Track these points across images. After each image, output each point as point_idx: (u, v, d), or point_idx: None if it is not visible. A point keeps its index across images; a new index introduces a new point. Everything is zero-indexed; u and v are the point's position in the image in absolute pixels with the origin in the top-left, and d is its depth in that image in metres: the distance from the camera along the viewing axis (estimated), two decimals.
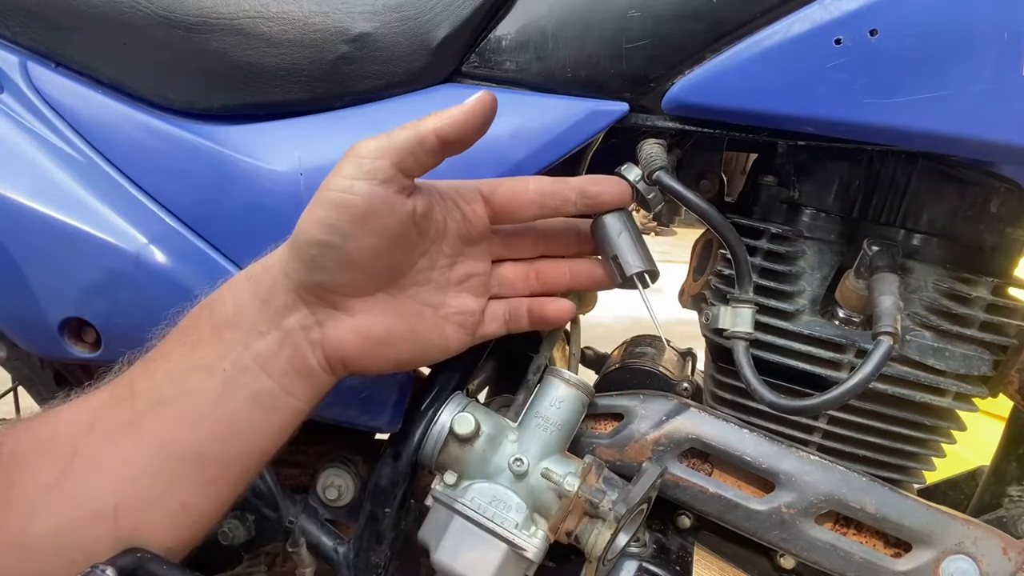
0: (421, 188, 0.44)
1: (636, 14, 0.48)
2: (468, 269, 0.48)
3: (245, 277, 0.44)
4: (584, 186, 0.47)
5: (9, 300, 0.54)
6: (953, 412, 0.54)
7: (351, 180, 0.40)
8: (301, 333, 0.43)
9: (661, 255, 1.36)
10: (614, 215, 0.48)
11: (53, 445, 0.41)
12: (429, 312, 0.47)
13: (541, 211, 0.47)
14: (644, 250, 0.48)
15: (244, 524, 0.61)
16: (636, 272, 0.48)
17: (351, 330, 0.44)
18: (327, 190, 0.41)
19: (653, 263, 0.49)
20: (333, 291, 0.43)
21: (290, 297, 0.43)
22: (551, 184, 0.47)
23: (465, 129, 0.41)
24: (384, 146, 0.41)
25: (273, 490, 0.61)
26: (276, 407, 0.43)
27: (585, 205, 0.47)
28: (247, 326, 0.42)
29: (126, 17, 0.53)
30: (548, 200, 0.46)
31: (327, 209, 0.40)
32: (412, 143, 0.41)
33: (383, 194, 0.41)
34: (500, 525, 0.49)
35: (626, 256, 0.48)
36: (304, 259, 0.41)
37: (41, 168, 0.53)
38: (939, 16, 0.42)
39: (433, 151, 0.41)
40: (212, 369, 0.42)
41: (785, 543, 0.52)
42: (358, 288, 0.43)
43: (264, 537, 0.62)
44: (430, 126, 0.41)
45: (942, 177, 0.52)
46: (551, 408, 0.52)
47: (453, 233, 0.46)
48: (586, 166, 0.55)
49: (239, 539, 0.61)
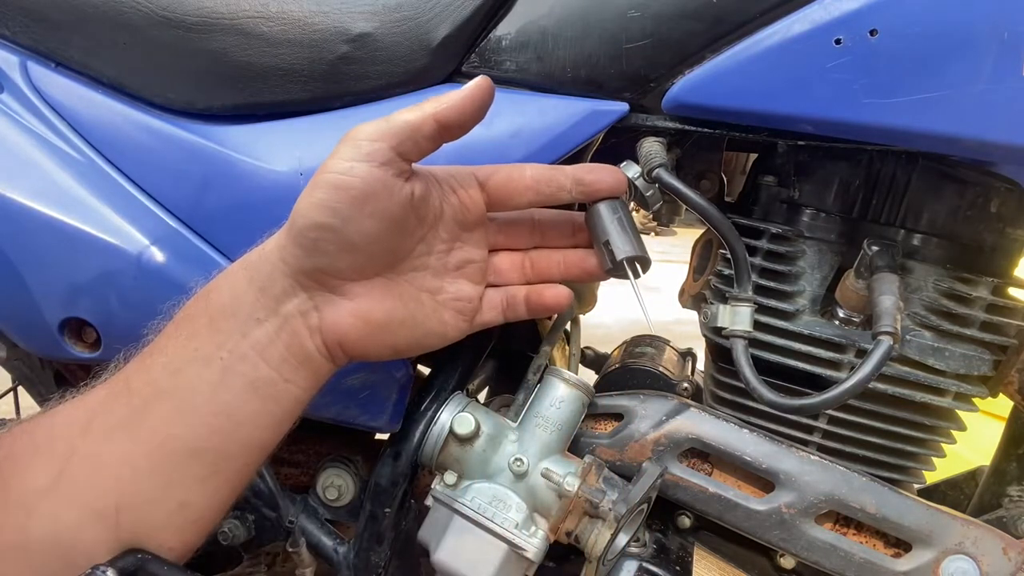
0: (418, 173, 0.44)
1: (636, 14, 0.48)
2: (465, 255, 0.48)
3: (241, 266, 0.43)
4: (579, 174, 0.47)
5: (9, 300, 0.54)
6: (953, 412, 0.54)
7: (350, 162, 0.40)
8: (299, 319, 0.43)
9: (661, 255, 1.36)
10: (608, 203, 0.48)
11: (50, 446, 0.41)
12: (427, 298, 0.47)
13: (537, 198, 0.47)
14: (636, 237, 0.48)
15: (244, 524, 0.61)
16: (626, 257, 0.47)
17: (350, 314, 0.44)
18: (325, 172, 0.40)
19: (644, 250, 0.48)
20: (332, 275, 0.43)
21: (288, 283, 0.42)
22: (547, 171, 0.47)
23: (463, 114, 0.42)
24: (383, 129, 0.41)
25: (273, 490, 0.61)
26: (275, 395, 0.43)
27: (580, 193, 0.47)
28: (244, 314, 0.42)
29: (126, 17, 0.53)
30: (544, 187, 0.46)
31: (326, 191, 0.40)
32: (411, 127, 0.41)
33: (382, 176, 0.41)
34: (500, 525, 0.49)
35: (616, 242, 0.47)
36: (303, 243, 0.41)
37: (41, 168, 0.53)
38: (939, 16, 0.42)
39: (432, 136, 0.42)
40: (209, 359, 0.41)
41: (785, 543, 0.52)
42: (357, 272, 0.43)
43: (264, 537, 0.62)
44: (429, 110, 0.41)
45: (942, 177, 0.52)
46: (551, 408, 0.52)
47: (450, 218, 0.46)
48: None
49: (239, 539, 0.61)
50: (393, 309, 0.45)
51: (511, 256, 0.51)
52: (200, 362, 0.41)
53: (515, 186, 0.46)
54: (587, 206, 0.49)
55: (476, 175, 0.47)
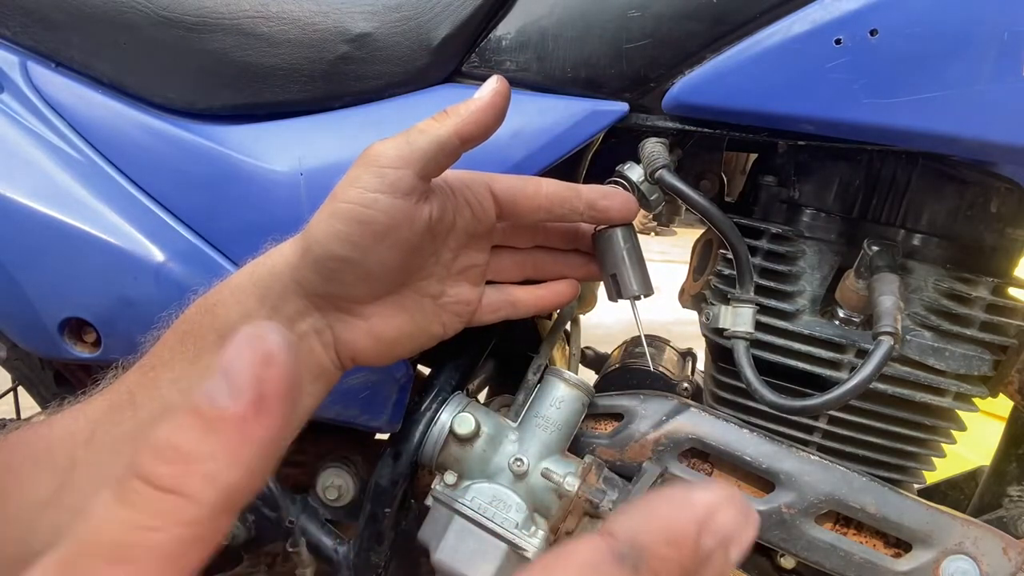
0: (433, 187, 0.43)
1: (636, 14, 0.48)
2: (470, 260, 0.48)
3: (250, 282, 0.42)
4: (594, 199, 0.47)
5: (9, 300, 0.54)
6: (953, 412, 0.54)
7: (374, 194, 0.39)
8: (315, 336, 0.43)
9: (661, 255, 1.35)
10: (619, 232, 0.48)
11: (49, 457, 0.40)
12: (429, 303, 0.47)
13: (548, 216, 0.47)
14: (643, 272, 0.49)
15: (244, 524, 0.61)
16: (633, 296, 0.49)
17: (365, 334, 0.44)
18: (347, 202, 0.39)
19: (650, 286, 0.49)
20: (348, 300, 0.43)
21: (302, 304, 0.42)
22: (563, 192, 0.46)
23: (486, 125, 0.41)
24: (405, 154, 0.39)
25: (273, 490, 0.61)
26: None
27: (591, 217, 0.47)
28: None
29: (126, 17, 0.53)
30: (557, 208, 0.46)
31: (347, 225, 0.39)
32: (435, 147, 0.39)
33: (404, 207, 0.40)
34: (500, 525, 0.49)
35: (624, 278, 0.48)
36: (321, 272, 0.40)
37: (41, 168, 0.53)
38: (939, 16, 0.42)
39: (454, 152, 0.41)
40: None
41: (785, 543, 0.52)
42: (372, 296, 0.43)
43: (264, 537, 0.62)
44: (452, 128, 0.40)
45: (942, 177, 0.52)
46: (551, 408, 0.52)
47: (460, 229, 0.46)
48: (586, 166, 0.55)
49: (239, 539, 0.61)
50: (403, 324, 0.45)
51: (513, 255, 0.51)
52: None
53: (529, 203, 0.46)
54: (596, 230, 0.50)
55: (491, 187, 0.46)
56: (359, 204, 0.39)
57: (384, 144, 0.40)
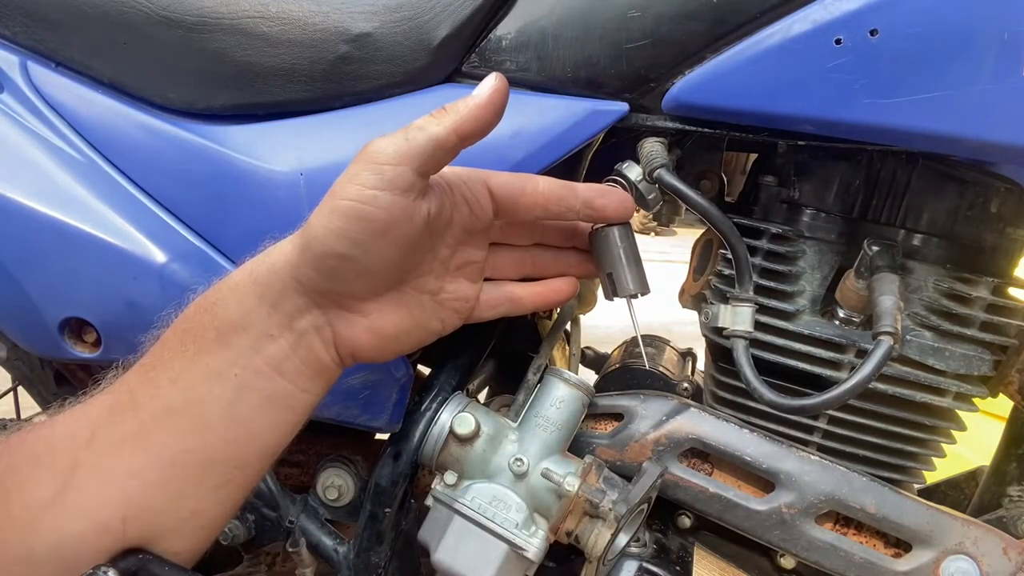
0: (431, 184, 0.43)
1: (636, 14, 0.48)
2: (467, 257, 0.48)
3: (249, 280, 0.42)
4: (590, 198, 0.47)
5: (9, 300, 0.54)
6: (953, 412, 0.54)
7: (373, 191, 0.39)
8: (314, 333, 0.43)
9: (660, 255, 1.34)
10: (615, 231, 0.49)
11: (51, 458, 0.40)
12: (428, 299, 0.47)
13: (545, 214, 0.47)
14: (639, 271, 0.49)
15: (244, 524, 0.61)
16: (629, 295, 0.49)
17: (365, 331, 0.44)
18: (346, 199, 0.39)
19: (646, 285, 0.49)
20: (347, 296, 0.43)
21: (302, 301, 0.42)
22: (559, 190, 0.46)
23: (484, 123, 0.41)
24: (403, 151, 0.39)
25: (273, 490, 0.61)
26: (292, 405, 0.43)
27: (588, 216, 0.47)
28: (257, 331, 0.42)
29: (126, 17, 0.53)
30: (554, 206, 0.46)
31: (347, 221, 0.39)
32: (433, 145, 0.40)
33: (403, 203, 0.40)
34: (500, 525, 0.49)
35: (620, 277, 0.48)
36: (320, 269, 0.41)
37: (41, 168, 0.53)
38: (939, 16, 0.42)
39: (452, 149, 0.41)
40: (222, 375, 0.41)
41: (785, 543, 0.52)
42: (372, 292, 0.44)
43: (264, 537, 0.62)
44: (450, 125, 0.40)
45: (942, 177, 0.52)
46: (551, 408, 0.52)
47: (458, 226, 0.46)
48: (586, 166, 0.55)
49: (239, 539, 0.61)
50: (402, 320, 0.45)
51: (511, 252, 0.51)
52: (212, 379, 0.41)
53: (526, 201, 0.46)
54: (593, 228, 0.50)
55: (488, 184, 0.46)
56: (358, 201, 0.39)
57: (382, 141, 0.40)
